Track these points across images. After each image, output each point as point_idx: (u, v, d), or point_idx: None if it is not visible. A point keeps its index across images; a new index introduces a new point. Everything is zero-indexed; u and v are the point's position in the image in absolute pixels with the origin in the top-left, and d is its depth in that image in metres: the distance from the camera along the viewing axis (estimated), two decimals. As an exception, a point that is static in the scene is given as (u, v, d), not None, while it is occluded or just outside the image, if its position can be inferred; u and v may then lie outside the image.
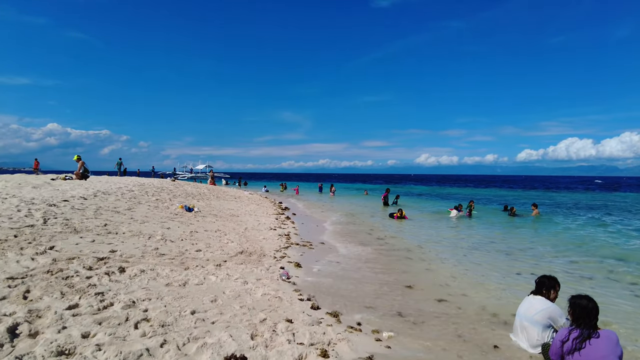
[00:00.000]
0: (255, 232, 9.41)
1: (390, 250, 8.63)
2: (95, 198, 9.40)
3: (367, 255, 7.88)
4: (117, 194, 10.95)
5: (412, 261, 7.57)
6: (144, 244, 6.01)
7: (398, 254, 8.18)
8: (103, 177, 19.91)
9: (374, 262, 7.26)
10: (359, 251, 8.28)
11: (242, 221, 10.85)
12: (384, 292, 5.38)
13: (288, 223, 12.09)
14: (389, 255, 8.07)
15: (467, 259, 7.87)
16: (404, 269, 6.90)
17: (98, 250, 5.19)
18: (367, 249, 8.52)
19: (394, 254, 8.15)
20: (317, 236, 9.92)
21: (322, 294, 5.04)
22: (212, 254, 6.26)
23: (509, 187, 54.65)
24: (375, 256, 7.86)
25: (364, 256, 7.81)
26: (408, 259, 7.76)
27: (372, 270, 6.61)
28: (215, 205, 13.96)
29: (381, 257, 7.77)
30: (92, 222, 6.71)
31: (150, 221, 8.05)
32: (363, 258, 7.62)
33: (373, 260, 7.43)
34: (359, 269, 6.70)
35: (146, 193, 12.88)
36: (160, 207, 10.30)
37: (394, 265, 7.11)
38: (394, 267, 6.96)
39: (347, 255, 7.83)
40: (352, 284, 5.64)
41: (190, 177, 59.97)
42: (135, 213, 8.63)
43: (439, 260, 7.76)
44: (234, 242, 7.53)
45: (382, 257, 7.78)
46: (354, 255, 7.81)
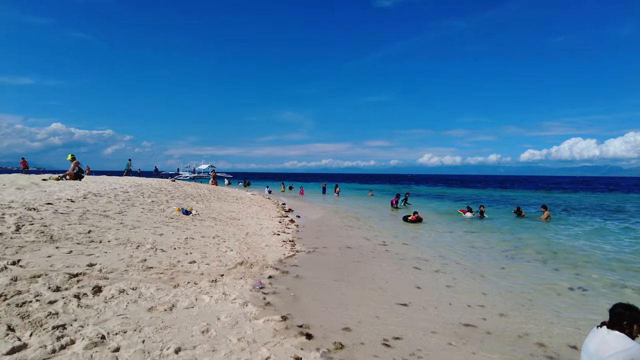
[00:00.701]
0: (258, 237, 8.65)
1: (409, 258, 7.84)
2: (84, 200, 8.67)
3: (386, 267, 7.09)
4: (110, 196, 10.21)
5: (436, 275, 6.79)
6: (130, 255, 5.26)
7: (417, 264, 7.40)
8: (100, 177, 19.22)
9: (392, 273, 6.48)
10: (374, 261, 7.50)
11: (243, 225, 10.10)
12: (404, 313, 4.60)
13: (292, 227, 11.32)
14: (407, 265, 7.29)
15: (497, 270, 7.07)
16: (423, 282, 6.12)
17: (73, 263, 4.44)
18: (383, 260, 7.73)
19: (408, 263, 7.37)
20: (324, 242, 9.15)
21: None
22: (208, 266, 5.50)
23: (514, 188, 53.75)
24: (395, 268, 7.07)
25: (383, 268, 7.02)
26: (435, 272, 6.97)
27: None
28: (215, 207, 13.21)
29: (401, 268, 6.99)
30: (74, 229, 5.96)
31: (142, 226, 7.30)
32: (380, 270, 6.84)
33: (392, 272, 6.65)
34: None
35: (142, 194, 12.15)
36: (155, 210, 9.56)
37: (416, 279, 6.33)
38: (416, 280, 6.17)
39: (359, 265, 7.05)
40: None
41: (192, 177, 59.33)
42: (127, 217, 7.89)
43: (468, 272, 6.97)
44: (233, 250, 6.77)
45: (401, 268, 7.00)
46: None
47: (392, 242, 9.74)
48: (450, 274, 6.68)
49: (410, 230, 12.10)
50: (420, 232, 11.83)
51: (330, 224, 12.66)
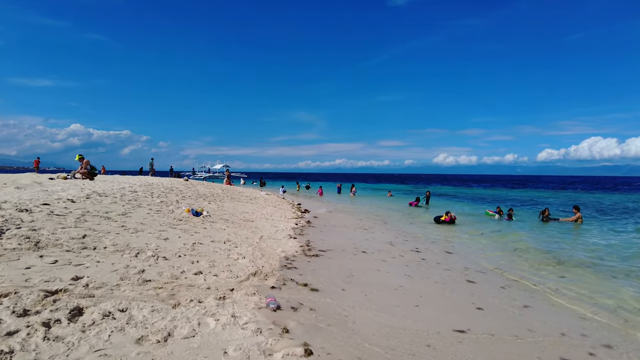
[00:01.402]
0: (273, 242, 7.86)
1: (457, 269, 6.92)
2: (86, 201, 8.04)
3: (429, 280, 6.20)
4: (116, 196, 9.59)
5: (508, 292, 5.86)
6: (126, 265, 4.52)
7: (470, 276, 6.48)
8: (111, 176, 18.82)
9: (438, 288, 5.58)
10: (415, 271, 6.62)
11: (257, 228, 9.33)
12: (465, 342, 3.71)
13: (309, 229, 10.51)
14: (456, 278, 6.37)
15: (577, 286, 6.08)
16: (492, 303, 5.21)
17: (55, 277, 3.71)
18: (422, 271, 6.84)
19: (457, 276, 6.45)
20: (345, 247, 8.29)
21: (377, 347, 3.42)
22: (216, 278, 4.72)
23: (536, 188, 51.84)
24: (441, 282, 6.17)
25: (424, 281, 6.14)
26: (501, 288, 6.01)
27: (452, 308, 4.94)
28: (228, 208, 12.51)
29: (448, 281, 6.09)
30: (67, 233, 5.27)
31: (145, 230, 6.60)
32: (421, 284, 5.95)
33: (438, 286, 5.75)
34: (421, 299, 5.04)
35: (151, 194, 11.53)
36: (163, 211, 8.88)
37: (473, 296, 5.42)
38: (474, 298, 5.27)
39: (393, 275, 6.17)
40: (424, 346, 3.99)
41: (206, 176, 59.22)
42: (130, 219, 7.21)
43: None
44: (245, 257, 5.99)
45: (449, 281, 6.10)
46: (409, 283, 6.15)
47: (427, 248, 8.79)
48: (521, 290, 5.64)
49: (445, 233, 11.10)
50: (459, 236, 10.83)
51: (351, 227, 11.79)
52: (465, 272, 6.64)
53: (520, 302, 5.10)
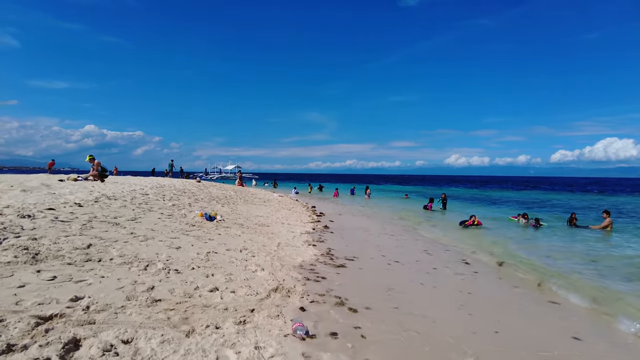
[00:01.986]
0: (291, 249, 7.31)
1: (525, 286, 6.27)
2: (94, 205, 7.60)
3: (493, 298, 5.57)
4: (126, 199, 9.16)
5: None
6: (134, 280, 4.01)
7: (551, 296, 5.83)
8: (123, 178, 18.54)
9: (511, 309, 4.95)
10: (448, 282, 5.99)
11: (273, 233, 8.79)
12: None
13: (328, 235, 9.94)
14: (535, 298, 5.73)
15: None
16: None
17: (52, 298, 3.21)
18: (480, 286, 6.20)
19: (533, 295, 5.81)
20: (370, 255, 7.69)
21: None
22: (234, 296, 4.18)
23: (553, 190, 50.37)
24: (511, 301, 5.53)
25: (490, 302, 5.51)
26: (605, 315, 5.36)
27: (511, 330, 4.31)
28: (242, 211, 12.02)
29: (523, 302, 5.46)
30: (71, 243, 4.80)
31: (156, 237, 6.11)
32: (486, 306, 5.33)
33: (511, 308, 5.12)
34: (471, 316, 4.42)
35: (163, 197, 11.10)
36: (175, 216, 8.40)
37: (561, 320, 4.79)
38: (568, 326, 4.63)
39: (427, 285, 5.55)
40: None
41: (218, 177, 59.16)
42: (140, 225, 6.73)
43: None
44: (264, 269, 5.44)
45: (524, 302, 5.46)
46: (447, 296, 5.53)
47: (475, 259, 8.06)
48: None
49: (479, 240, 10.31)
50: (502, 241, 10.09)
51: (373, 232, 11.17)
52: (541, 291, 5.91)
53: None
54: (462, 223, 12.08)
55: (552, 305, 5.16)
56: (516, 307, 5.02)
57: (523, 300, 5.35)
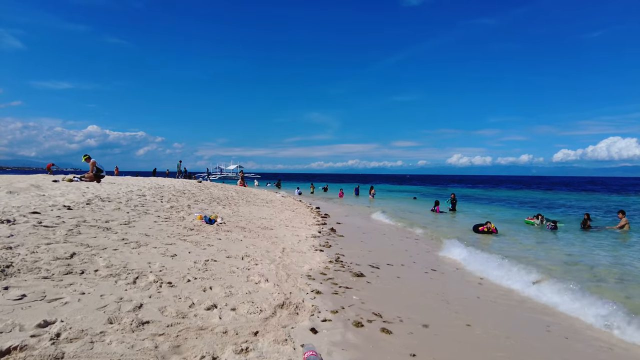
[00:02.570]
0: (297, 256, 6.76)
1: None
2: (85, 207, 7.07)
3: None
4: (121, 201, 8.63)
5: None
6: (119, 297, 3.47)
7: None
8: (121, 178, 18.06)
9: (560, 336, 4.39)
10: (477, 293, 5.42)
11: (277, 237, 8.24)
12: None
13: (335, 238, 9.38)
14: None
15: None
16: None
17: (15, 323, 2.67)
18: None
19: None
20: (385, 261, 7.14)
21: None
22: (235, 315, 3.63)
23: (558, 189, 49.67)
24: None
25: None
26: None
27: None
28: (244, 212, 11.48)
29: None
30: (52, 252, 4.26)
31: (150, 243, 5.57)
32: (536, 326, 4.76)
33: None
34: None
35: (161, 198, 10.57)
36: (173, 219, 7.87)
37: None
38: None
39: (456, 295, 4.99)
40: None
41: (220, 176, 58.70)
42: (134, 230, 6.20)
43: None
44: (269, 280, 4.89)
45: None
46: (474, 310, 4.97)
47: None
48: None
49: (509, 247, 9.65)
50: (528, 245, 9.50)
51: (384, 233, 10.60)
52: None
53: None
54: (476, 228, 11.32)
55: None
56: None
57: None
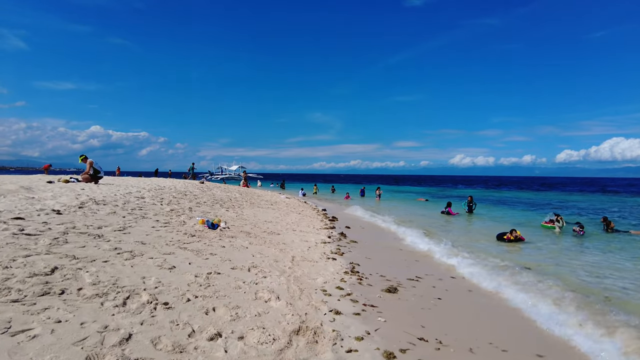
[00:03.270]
0: (309, 265, 6.14)
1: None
2: (77, 212, 6.48)
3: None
4: (117, 204, 8.04)
5: None
6: (103, 325, 2.86)
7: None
8: (120, 179, 17.50)
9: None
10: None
11: (285, 244, 7.62)
12: None
13: (347, 245, 8.75)
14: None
15: None
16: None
17: (-38, 370, 2.07)
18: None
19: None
20: (405, 273, 6.51)
21: None
22: (243, 345, 3.01)
23: (564, 190, 48.90)
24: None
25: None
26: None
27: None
28: (248, 216, 10.88)
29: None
30: (29, 267, 3.66)
31: (146, 252, 4.97)
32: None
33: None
34: None
35: (160, 201, 9.97)
36: (173, 224, 7.27)
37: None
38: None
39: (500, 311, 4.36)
40: None
41: (223, 177, 58.22)
42: (129, 237, 5.60)
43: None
44: (280, 297, 4.27)
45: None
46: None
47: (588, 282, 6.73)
48: None
49: (554, 258, 8.86)
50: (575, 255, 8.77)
51: (399, 239, 9.97)
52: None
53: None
54: (500, 237, 10.38)
55: None
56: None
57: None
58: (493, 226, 13.85)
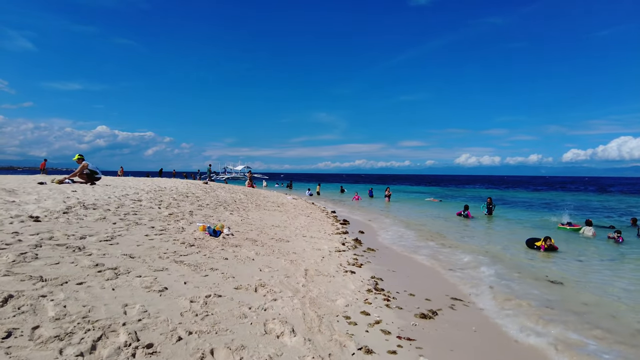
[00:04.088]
0: (325, 282, 5.28)
1: None
2: (59, 218, 5.68)
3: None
4: (110, 207, 7.24)
5: None
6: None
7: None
8: (120, 179, 16.76)
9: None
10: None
11: (296, 253, 6.77)
12: None
13: (366, 255, 7.88)
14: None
15: None
16: None
17: None
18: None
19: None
20: (435, 288, 5.63)
21: None
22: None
23: (577, 190, 47.60)
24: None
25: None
26: None
27: None
28: (254, 219, 10.05)
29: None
30: (-25, 295, 2.83)
31: (134, 269, 4.14)
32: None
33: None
34: None
35: (159, 204, 9.17)
36: (170, 231, 6.46)
37: None
38: None
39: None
40: None
41: (228, 177, 57.56)
42: (116, 248, 4.78)
43: None
44: (295, 330, 3.41)
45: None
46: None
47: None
48: None
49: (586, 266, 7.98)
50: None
51: (421, 246, 9.08)
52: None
53: None
54: (531, 244, 9.24)
55: None
56: None
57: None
58: (516, 229, 12.96)
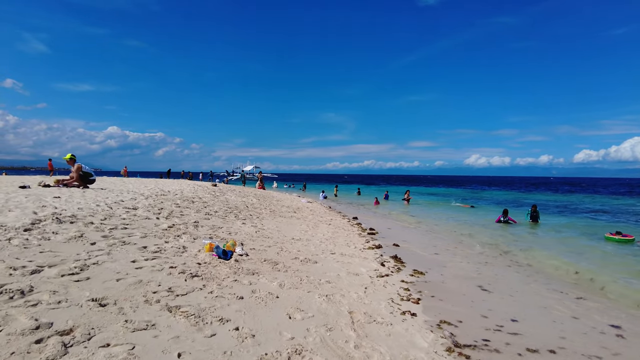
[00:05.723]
0: (382, 335, 3.68)
1: None
2: (14, 238, 4.17)
3: None
4: (94, 219, 5.73)
5: None
6: None
7: None
8: (120, 181, 15.38)
9: None
10: None
11: (330, 282, 5.17)
12: None
13: (416, 281, 6.26)
14: None
15: None
16: None
17: None
18: None
19: None
20: (555, 335, 3.99)
21: None
22: None
23: (594, 192, 45.26)
24: None
25: None
26: None
27: None
28: (270, 230, 8.50)
29: None
30: None
31: (100, 331, 2.60)
32: None
33: None
34: None
35: (158, 212, 7.67)
36: (167, 252, 4.93)
37: None
38: None
39: None
40: None
41: (237, 178, 56.26)
42: (84, 288, 3.25)
43: None
44: None
45: None
46: None
47: None
48: None
49: None
50: None
51: (479, 268, 7.43)
52: None
53: None
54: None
55: None
56: None
57: None
58: (575, 237, 11.36)
